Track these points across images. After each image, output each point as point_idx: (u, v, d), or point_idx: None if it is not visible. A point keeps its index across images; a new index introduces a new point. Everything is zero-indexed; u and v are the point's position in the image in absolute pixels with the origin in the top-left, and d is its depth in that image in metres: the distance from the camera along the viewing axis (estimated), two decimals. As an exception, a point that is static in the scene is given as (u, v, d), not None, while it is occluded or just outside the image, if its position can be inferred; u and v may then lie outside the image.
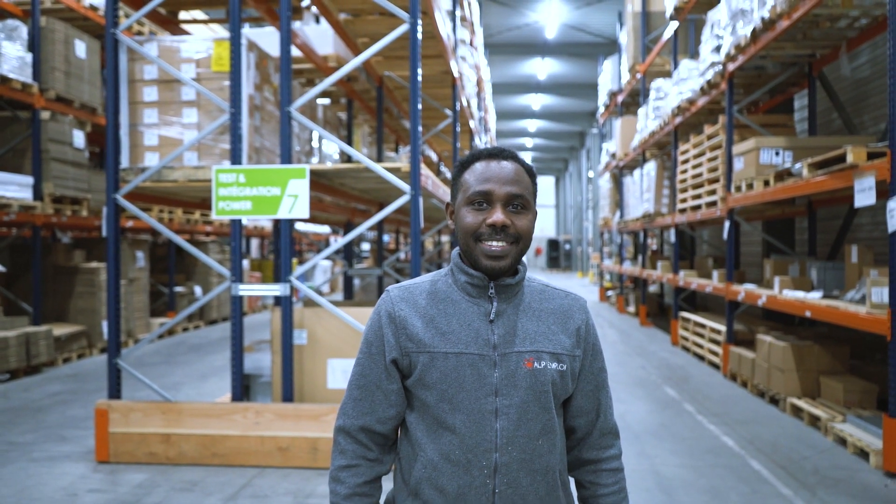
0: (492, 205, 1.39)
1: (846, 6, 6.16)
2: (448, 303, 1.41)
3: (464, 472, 1.36)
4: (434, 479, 1.37)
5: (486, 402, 1.36)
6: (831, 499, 4.16)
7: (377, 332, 1.44)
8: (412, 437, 1.42)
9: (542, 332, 1.42)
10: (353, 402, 1.45)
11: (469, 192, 1.39)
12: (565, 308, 1.48)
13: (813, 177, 5.74)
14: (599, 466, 1.54)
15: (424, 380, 1.38)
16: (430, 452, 1.38)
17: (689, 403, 6.71)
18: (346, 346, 5.03)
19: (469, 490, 1.35)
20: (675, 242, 10.97)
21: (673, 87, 10.51)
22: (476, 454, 1.36)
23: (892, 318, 4.53)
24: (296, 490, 4.33)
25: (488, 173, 1.39)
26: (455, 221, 1.45)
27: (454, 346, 1.38)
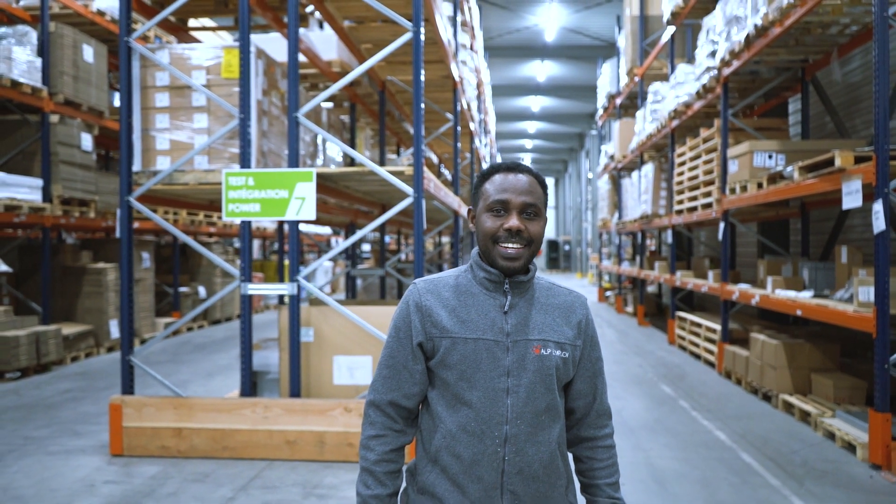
0: (508, 212, 1.58)
1: (836, 14, 6.34)
2: (468, 295, 1.60)
3: (478, 441, 1.55)
4: (452, 447, 1.56)
5: (499, 381, 1.56)
6: (818, 489, 4.34)
7: (405, 319, 1.63)
8: (433, 412, 1.62)
9: (549, 324, 1.62)
10: (383, 379, 1.65)
11: (489, 200, 1.59)
12: (569, 304, 1.68)
13: (803, 180, 5.92)
14: (596, 444, 1.75)
15: (446, 361, 1.58)
16: (449, 424, 1.57)
17: (684, 400, 6.89)
18: (351, 343, 5.20)
19: (482, 457, 1.55)
20: (671, 243, 11.15)
21: (670, 91, 10.69)
22: (489, 426, 1.55)
23: (878, 316, 4.71)
24: (304, 481, 4.50)
25: (506, 184, 1.59)
26: (476, 225, 1.65)
27: (473, 332, 1.57)
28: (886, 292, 4.70)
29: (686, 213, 10.00)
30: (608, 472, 1.74)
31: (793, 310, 6.15)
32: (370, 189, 6.75)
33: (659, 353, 10.03)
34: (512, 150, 42.58)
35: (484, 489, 1.55)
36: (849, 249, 6.18)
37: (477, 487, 1.55)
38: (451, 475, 1.56)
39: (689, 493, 4.29)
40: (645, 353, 9.94)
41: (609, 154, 17.36)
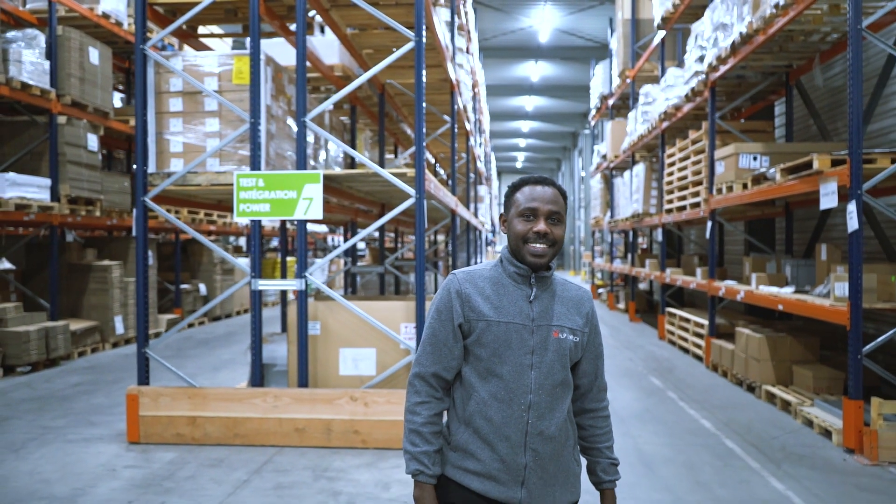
0: (537, 218, 1.90)
1: (817, 23, 6.65)
2: (500, 286, 1.92)
3: (507, 407, 1.86)
4: (484, 411, 1.87)
5: (525, 358, 1.88)
6: (794, 471, 4.65)
7: (447, 304, 1.93)
8: (466, 382, 1.92)
9: (564, 313, 1.95)
10: (427, 354, 1.94)
11: (520, 207, 1.92)
12: (579, 297, 2.02)
13: (785, 181, 6.23)
14: (596, 414, 2.06)
15: (481, 340, 1.88)
16: (482, 392, 1.88)
17: (672, 391, 7.20)
18: (356, 336, 5.48)
19: (510, 420, 1.86)
20: (661, 241, 11.47)
21: (660, 93, 11.00)
22: (516, 395, 1.86)
23: (851, 309, 5.02)
24: (313, 465, 4.78)
25: (534, 195, 1.91)
26: (507, 228, 1.96)
27: (504, 316, 1.89)
28: (859, 287, 5.01)
29: (676, 212, 10.31)
30: (606, 438, 2.06)
31: (775, 305, 6.47)
32: (372, 189, 7.02)
33: (649, 347, 10.35)
34: (506, 148, 42.88)
35: (510, 447, 1.85)
36: (828, 247, 6.49)
37: (504, 445, 1.85)
38: (482, 435, 1.86)
39: (675, 475, 4.60)
40: (635, 348, 10.26)
41: (601, 154, 17.67)
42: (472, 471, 1.87)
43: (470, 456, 1.88)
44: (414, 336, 5.36)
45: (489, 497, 1.86)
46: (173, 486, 4.38)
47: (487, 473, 1.86)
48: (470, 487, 1.87)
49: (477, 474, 1.87)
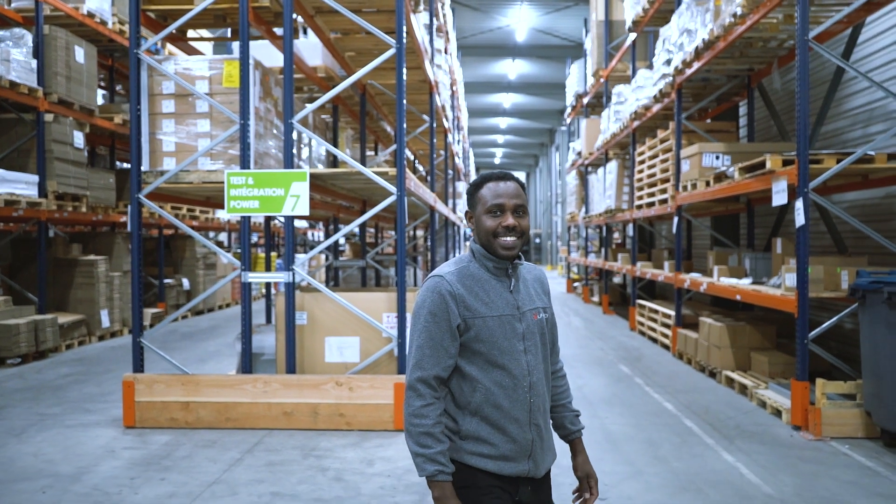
0: (504, 213, 2.01)
1: (773, 31, 7.09)
2: (483, 282, 2.03)
3: (512, 392, 1.99)
4: (492, 400, 1.97)
5: (519, 345, 2.01)
6: (745, 446, 5.08)
7: (442, 307, 1.97)
8: (467, 376, 1.99)
9: (535, 295, 2.15)
10: (427, 358, 1.97)
11: (487, 204, 2.02)
12: (539, 276, 2.25)
13: (742, 179, 6.67)
14: (557, 374, 2.29)
15: (480, 336, 1.98)
16: (487, 383, 1.98)
17: (639, 378, 7.63)
18: (341, 325, 5.82)
19: (517, 403, 1.99)
20: (633, 236, 11.92)
21: (631, 94, 11.43)
22: (518, 380, 1.99)
23: (799, 298, 5.46)
24: (301, 446, 5.11)
25: (499, 191, 2.02)
26: (475, 224, 2.06)
27: (496, 310, 2.00)
28: (806, 278, 5.45)
29: (646, 208, 10.75)
30: (567, 394, 2.29)
31: (734, 295, 6.91)
32: (354, 187, 7.34)
33: (620, 338, 10.79)
34: (484, 144, 43.29)
35: (519, 427, 1.99)
36: (783, 241, 6.94)
37: (514, 427, 1.98)
38: (492, 421, 1.98)
39: (637, 450, 5.00)
40: (607, 338, 10.70)
41: (577, 151, 18.11)
42: (487, 455, 1.98)
43: (483, 442, 1.98)
44: (395, 325, 5.70)
45: (503, 475, 1.98)
46: (171, 465, 4.69)
47: (501, 455, 1.98)
48: (485, 469, 1.97)
49: (491, 457, 1.97)
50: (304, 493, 4.18)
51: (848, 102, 8.06)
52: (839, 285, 5.89)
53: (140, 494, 4.16)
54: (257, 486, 4.30)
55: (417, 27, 7.43)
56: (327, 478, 4.44)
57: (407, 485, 4.31)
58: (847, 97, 8.07)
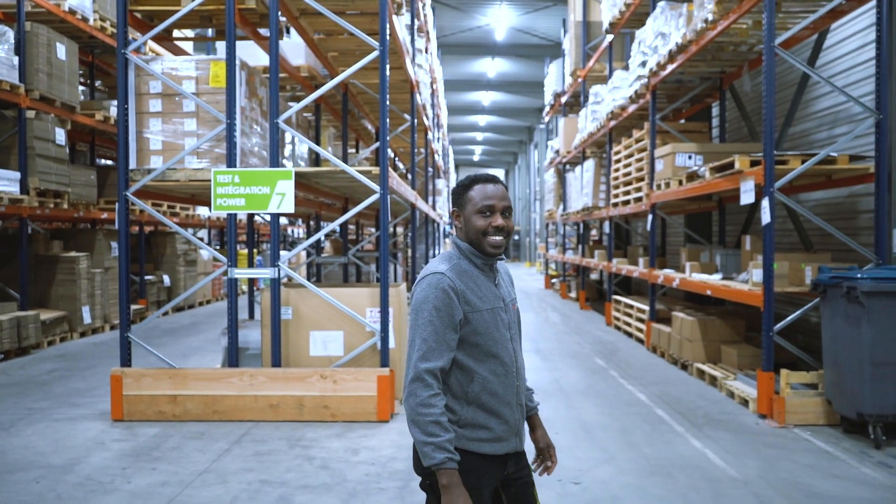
0: (493, 214, 2.15)
1: (743, 36, 7.36)
2: (475, 277, 2.17)
3: (504, 379, 2.15)
4: (488, 388, 2.13)
5: (506, 334, 2.19)
6: (712, 433, 5.33)
7: (445, 301, 2.08)
8: (465, 368, 2.12)
9: (509, 286, 2.36)
10: (433, 351, 2.06)
11: (478, 205, 2.15)
12: (507, 269, 2.45)
13: (713, 179, 6.93)
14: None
15: (478, 329, 2.12)
16: (483, 372, 2.12)
17: (614, 370, 7.87)
18: (325, 320, 5.98)
19: (508, 388, 2.16)
20: (609, 233, 12.19)
21: (608, 94, 11.68)
22: (508, 367, 2.16)
23: (765, 292, 5.72)
24: (288, 436, 5.27)
25: (488, 193, 2.16)
26: (464, 223, 2.19)
27: (488, 303, 2.16)
28: (771, 274, 5.71)
29: (621, 206, 11.01)
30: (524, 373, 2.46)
31: (704, 290, 7.18)
32: (338, 185, 7.49)
33: (596, 332, 11.06)
34: (464, 142, 43.49)
35: (510, 409, 2.17)
36: (752, 238, 7.22)
37: (507, 410, 2.16)
38: (489, 407, 2.13)
39: (610, 437, 5.23)
40: (584, 333, 10.95)
41: (555, 149, 18.36)
42: (485, 439, 2.12)
43: (481, 427, 2.13)
44: (378, 320, 5.87)
45: (497, 454, 2.15)
46: (161, 455, 4.83)
47: (496, 437, 2.14)
48: (482, 452, 2.12)
49: (489, 440, 2.13)
50: (292, 480, 4.35)
51: (815, 105, 8.36)
52: (803, 281, 6.16)
53: (133, 483, 4.30)
54: (246, 474, 4.45)
55: (399, 28, 7.59)
56: (314, 466, 4.61)
57: (391, 472, 4.49)
58: (814, 99, 8.38)
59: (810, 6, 6.61)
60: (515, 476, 2.23)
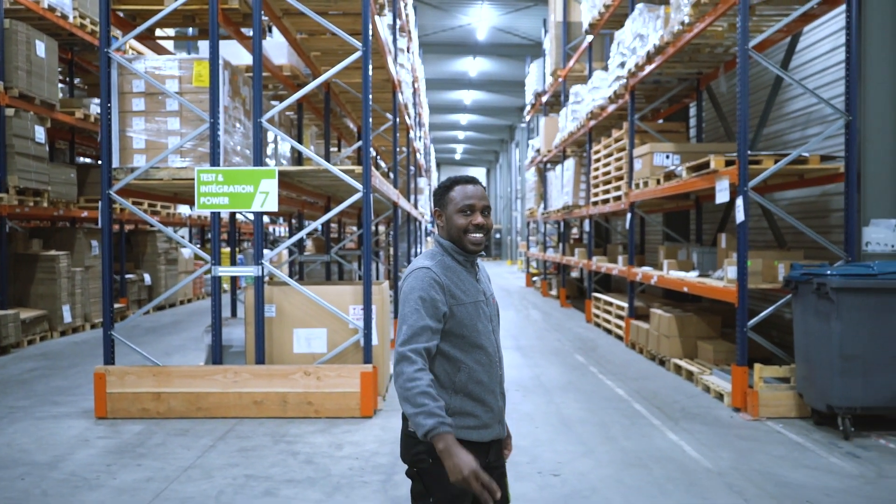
0: (474, 213, 2.26)
1: (718, 38, 7.52)
2: (457, 273, 2.28)
3: (489, 368, 2.27)
4: (474, 377, 2.23)
5: (488, 326, 2.30)
6: (688, 426, 5.47)
7: (430, 293, 2.19)
8: (452, 359, 2.22)
9: (488, 282, 2.48)
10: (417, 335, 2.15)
11: (459, 205, 2.26)
12: (484, 266, 2.56)
13: (689, 178, 7.08)
14: None
15: (463, 321, 2.22)
16: (469, 363, 2.23)
17: (594, 366, 8.01)
18: (309, 317, 6.04)
19: (493, 377, 2.28)
20: (589, 232, 12.34)
21: (588, 94, 11.82)
22: (492, 357, 2.28)
23: (739, 289, 5.87)
24: (272, 433, 5.33)
25: (468, 193, 2.27)
26: (445, 221, 2.30)
27: (471, 297, 2.27)
28: (745, 270, 5.87)
29: (601, 205, 11.16)
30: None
31: (681, 287, 7.33)
32: (320, 183, 7.55)
33: (577, 329, 11.20)
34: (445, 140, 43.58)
35: (494, 397, 2.28)
36: (727, 236, 7.38)
37: (491, 398, 2.27)
38: (475, 396, 2.24)
39: (589, 431, 5.35)
40: (564, 330, 11.09)
41: (536, 148, 18.51)
42: (472, 426, 2.23)
43: (468, 415, 2.23)
44: (361, 317, 5.94)
45: (482, 441, 2.25)
46: (146, 452, 4.87)
47: (482, 424, 2.25)
48: (469, 440, 2.20)
49: (476, 428, 2.23)
50: (277, 475, 4.41)
51: (789, 105, 8.55)
52: (776, 277, 6.33)
53: (118, 479, 4.34)
54: (231, 469, 4.51)
55: (382, 28, 7.66)
56: (298, 461, 4.68)
57: (374, 466, 4.57)
58: (788, 100, 8.57)
59: (783, 10, 6.78)
60: (495, 465, 2.33)
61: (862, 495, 4.03)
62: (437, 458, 2.11)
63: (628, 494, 4.07)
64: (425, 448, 2.17)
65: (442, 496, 2.18)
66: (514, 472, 4.37)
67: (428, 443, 2.10)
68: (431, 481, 2.19)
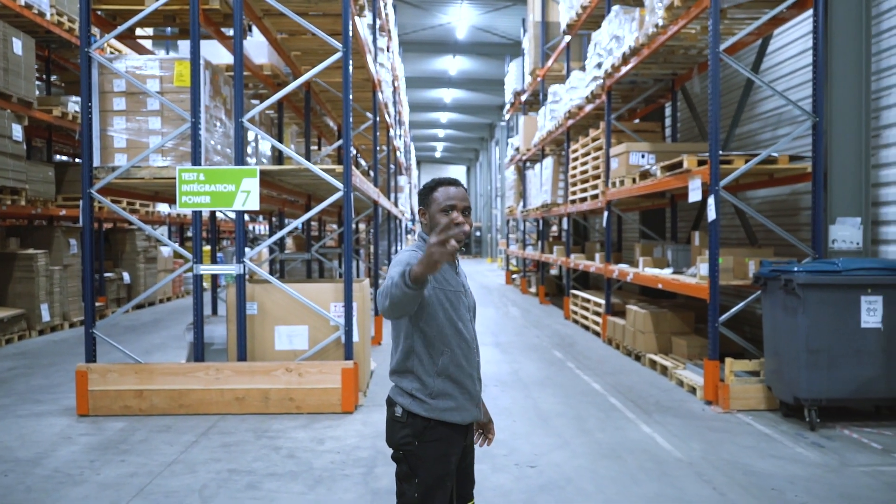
0: (454, 212, 2.43)
1: (692, 40, 7.69)
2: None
3: (467, 353, 2.44)
4: (455, 360, 2.40)
5: (467, 315, 2.49)
6: (661, 419, 5.63)
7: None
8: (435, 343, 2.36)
9: (465, 278, 2.64)
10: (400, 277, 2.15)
11: (442, 204, 2.42)
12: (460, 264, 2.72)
13: (664, 177, 7.24)
14: None
15: (450, 302, 2.40)
16: (452, 347, 2.39)
17: (571, 362, 8.16)
18: (290, 315, 6.11)
19: (471, 361, 2.45)
20: (567, 230, 12.51)
21: (566, 94, 11.98)
22: (469, 343, 2.46)
23: (710, 285, 6.04)
24: (254, 428, 5.40)
25: (450, 194, 2.44)
26: (429, 219, 2.46)
27: (453, 287, 2.43)
28: (716, 267, 6.04)
29: (579, 203, 11.33)
30: None
31: (656, 283, 7.50)
32: (301, 182, 7.61)
33: (555, 326, 11.36)
34: (425, 139, 43.63)
35: (472, 381, 2.46)
36: (701, 234, 7.56)
37: (468, 381, 2.44)
38: (455, 378, 2.40)
39: (566, 424, 5.49)
40: (543, 327, 11.25)
41: (515, 146, 18.66)
42: (451, 408, 2.39)
43: (448, 397, 2.39)
44: (342, 314, 6.03)
45: (463, 423, 2.43)
46: (129, 448, 4.93)
47: (461, 406, 2.41)
48: (450, 421, 2.38)
49: (454, 409, 2.39)
50: (260, 469, 4.49)
51: (761, 106, 8.76)
52: (747, 274, 6.51)
53: (102, 475, 4.39)
54: (215, 464, 4.58)
55: (362, 28, 7.73)
56: (280, 455, 4.76)
57: (356, 459, 4.67)
58: (760, 101, 8.78)
59: (754, 13, 6.95)
60: (470, 445, 2.56)
61: (825, 483, 4.20)
62: (421, 441, 2.34)
63: (602, 484, 4.20)
64: (410, 432, 2.36)
65: (426, 476, 2.35)
66: (491, 464, 4.50)
67: (414, 426, 2.34)
68: (416, 463, 2.36)
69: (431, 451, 2.36)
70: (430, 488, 2.35)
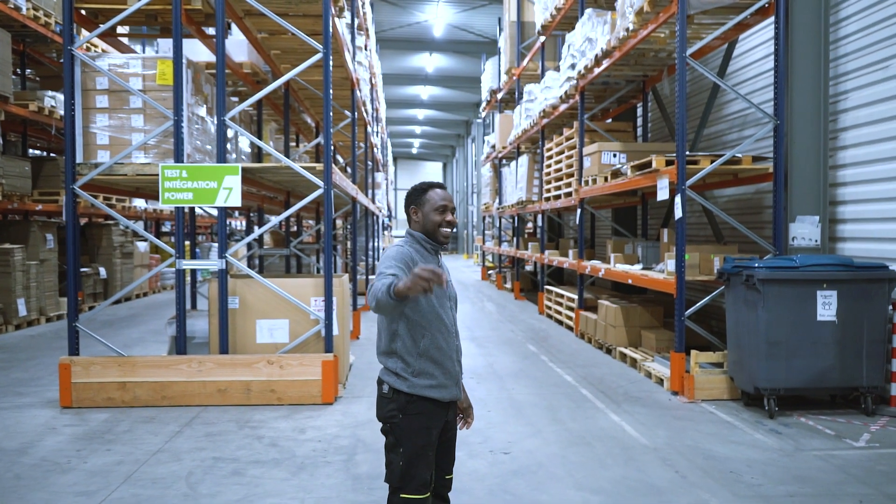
0: (446, 211, 2.75)
1: (662, 44, 7.96)
2: (426, 257, 2.74)
3: (447, 336, 2.71)
4: (435, 343, 2.67)
5: (448, 303, 2.76)
6: (630, 408, 5.88)
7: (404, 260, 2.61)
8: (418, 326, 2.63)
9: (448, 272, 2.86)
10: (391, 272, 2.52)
11: (436, 204, 2.74)
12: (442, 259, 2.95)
13: (634, 176, 7.49)
14: None
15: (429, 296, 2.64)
16: (433, 331, 2.67)
17: (544, 355, 8.40)
18: (271, 309, 6.26)
19: (451, 345, 2.72)
20: (542, 226, 12.76)
21: (541, 93, 12.21)
22: (450, 328, 2.73)
23: (677, 280, 6.31)
24: (236, 419, 5.55)
25: (443, 195, 2.77)
26: (422, 217, 2.75)
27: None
28: (682, 263, 6.30)
29: (553, 200, 11.58)
30: None
31: (626, 279, 7.76)
32: (281, 179, 7.74)
33: (530, 321, 11.61)
34: (402, 135, 43.71)
35: (451, 363, 2.73)
36: (669, 231, 7.84)
37: (448, 362, 2.72)
38: (435, 359, 2.68)
39: (538, 414, 5.72)
40: (518, 322, 11.49)
41: (491, 144, 18.88)
42: (432, 385, 2.66)
43: (429, 375, 2.67)
44: (322, 308, 6.20)
45: (443, 400, 2.70)
46: (114, 438, 5.05)
47: (441, 384, 2.69)
48: (431, 397, 2.66)
49: (437, 387, 2.67)
50: (243, 457, 4.65)
51: (728, 108, 9.07)
52: (712, 270, 6.79)
53: (89, 463, 4.52)
54: (199, 452, 4.73)
55: (341, 28, 7.88)
56: (263, 444, 4.92)
57: (336, 447, 4.85)
58: (727, 103, 9.08)
59: (719, 19, 7.23)
60: (452, 423, 2.83)
61: (780, 466, 4.47)
62: (405, 414, 2.64)
63: (571, 468, 4.43)
64: (396, 406, 2.65)
65: (410, 446, 2.63)
66: (467, 451, 4.71)
67: (398, 401, 2.64)
68: (401, 434, 2.65)
69: (414, 423, 2.64)
70: (414, 457, 2.62)
